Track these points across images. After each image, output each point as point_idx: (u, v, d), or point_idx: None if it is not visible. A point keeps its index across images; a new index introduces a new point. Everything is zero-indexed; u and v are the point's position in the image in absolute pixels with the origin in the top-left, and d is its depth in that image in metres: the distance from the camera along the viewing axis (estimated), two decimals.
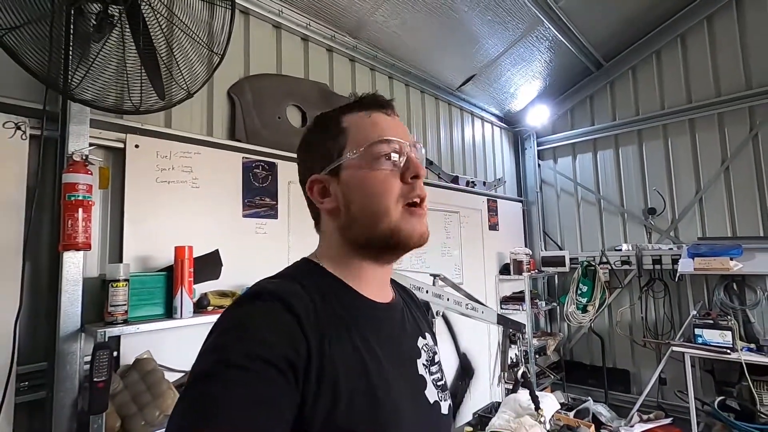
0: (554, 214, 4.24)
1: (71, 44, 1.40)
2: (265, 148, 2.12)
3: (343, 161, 0.61)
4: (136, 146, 1.68)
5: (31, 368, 1.39)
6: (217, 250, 1.82)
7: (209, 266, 1.77)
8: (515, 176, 4.40)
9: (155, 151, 1.74)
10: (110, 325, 1.38)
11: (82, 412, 1.35)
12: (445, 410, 0.65)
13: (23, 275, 1.36)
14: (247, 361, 0.45)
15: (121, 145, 1.65)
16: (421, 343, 0.68)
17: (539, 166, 4.34)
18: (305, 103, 2.38)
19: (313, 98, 2.43)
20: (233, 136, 2.05)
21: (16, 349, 1.31)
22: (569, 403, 3.44)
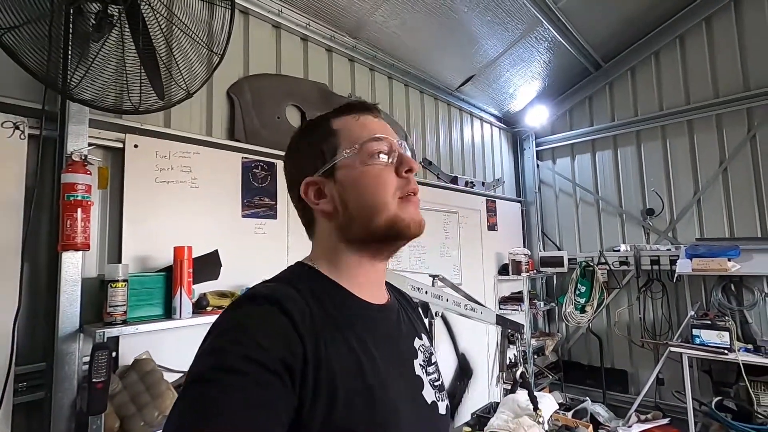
0: (553, 214, 4.24)
1: (70, 44, 1.40)
2: (264, 148, 2.11)
3: (337, 161, 0.62)
4: (135, 146, 1.68)
5: (29, 369, 1.39)
6: (216, 250, 1.82)
7: (208, 266, 1.76)
8: (514, 177, 4.40)
9: (154, 151, 1.73)
10: (109, 325, 1.38)
11: (80, 412, 1.35)
12: (442, 410, 0.66)
13: (22, 275, 1.36)
14: (243, 364, 0.45)
15: (120, 145, 1.65)
16: (417, 343, 0.69)
17: (538, 166, 4.34)
18: (305, 103, 2.38)
19: (312, 98, 2.42)
20: (232, 136, 2.04)
21: (14, 349, 1.31)
22: (567, 403, 3.46)
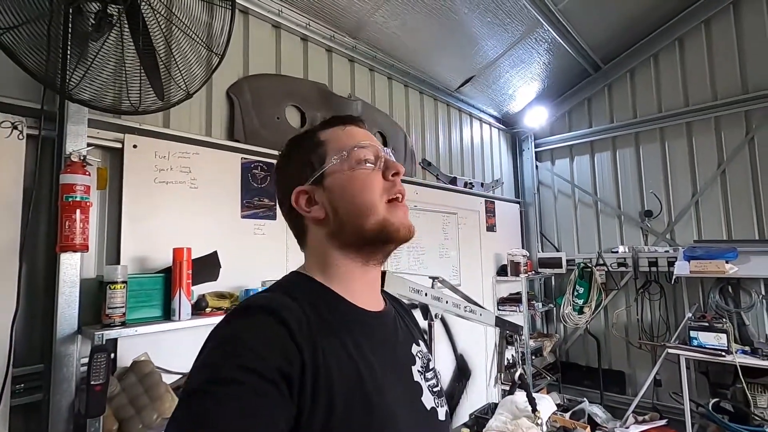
0: (551, 215, 4.25)
1: (69, 44, 1.39)
2: (264, 148, 2.10)
3: (326, 168, 0.64)
4: (134, 146, 1.67)
5: (27, 370, 1.38)
6: (215, 251, 1.81)
7: (207, 268, 1.76)
8: (513, 178, 4.40)
9: (153, 151, 1.72)
10: (108, 327, 1.37)
11: (78, 414, 1.34)
12: (442, 416, 0.66)
13: (20, 276, 1.35)
14: (239, 375, 0.46)
15: (119, 145, 1.64)
16: (415, 350, 0.69)
17: (537, 167, 4.35)
18: (304, 103, 2.37)
19: (312, 98, 2.42)
20: (232, 136, 2.03)
21: (12, 351, 1.30)
22: (565, 404, 3.46)
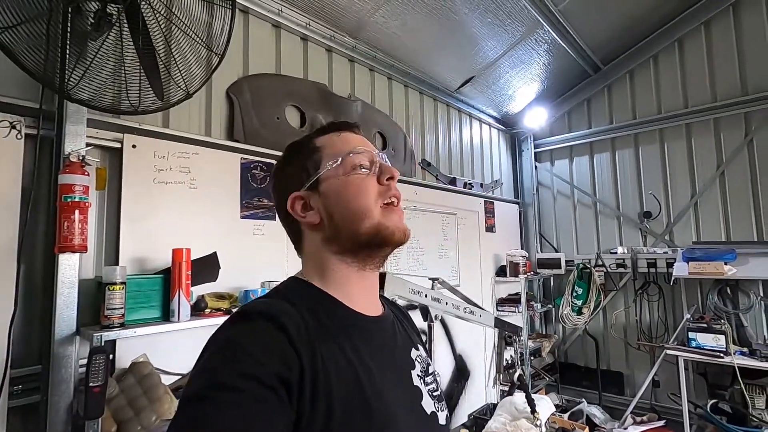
0: (550, 216, 4.25)
1: (68, 43, 1.38)
2: (263, 148, 2.10)
3: (321, 173, 0.64)
4: (133, 146, 1.66)
5: (25, 371, 1.37)
6: (215, 252, 1.80)
7: (207, 268, 1.75)
8: (512, 178, 4.40)
9: (153, 151, 1.72)
10: (107, 328, 1.36)
11: (77, 416, 1.33)
12: (442, 421, 0.66)
13: (18, 277, 1.34)
14: (238, 381, 0.46)
15: (118, 145, 1.63)
16: (414, 354, 0.69)
17: (536, 168, 4.35)
18: (304, 103, 2.37)
19: (312, 98, 2.41)
20: (231, 136, 2.03)
21: (10, 352, 1.30)
22: (563, 404, 3.47)
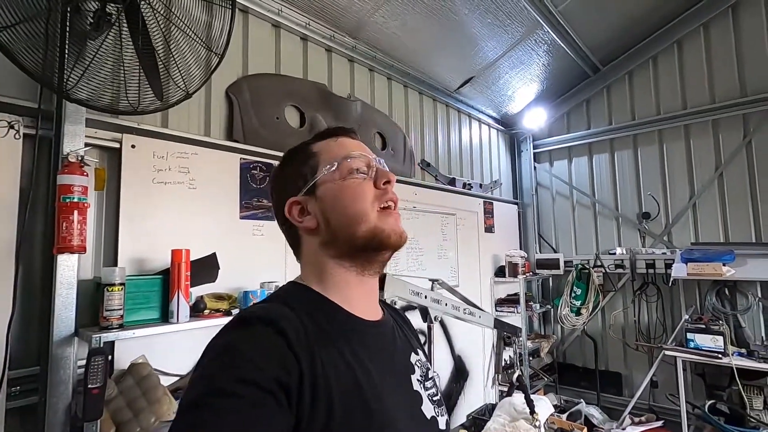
0: (549, 216, 4.26)
1: (67, 42, 1.37)
2: (263, 148, 2.09)
3: (318, 178, 0.64)
4: (132, 146, 1.65)
5: (23, 373, 1.36)
6: (214, 252, 1.80)
7: (206, 269, 1.74)
8: (511, 179, 4.41)
9: (152, 151, 1.71)
10: (105, 329, 1.35)
11: (75, 417, 1.33)
12: (442, 425, 0.66)
13: (16, 278, 1.33)
14: (237, 386, 0.45)
15: (117, 145, 1.62)
16: (413, 359, 0.69)
17: (535, 168, 4.35)
18: (304, 103, 2.36)
19: (311, 98, 2.41)
20: (231, 136, 2.02)
21: (8, 353, 1.29)
22: (562, 405, 3.48)
